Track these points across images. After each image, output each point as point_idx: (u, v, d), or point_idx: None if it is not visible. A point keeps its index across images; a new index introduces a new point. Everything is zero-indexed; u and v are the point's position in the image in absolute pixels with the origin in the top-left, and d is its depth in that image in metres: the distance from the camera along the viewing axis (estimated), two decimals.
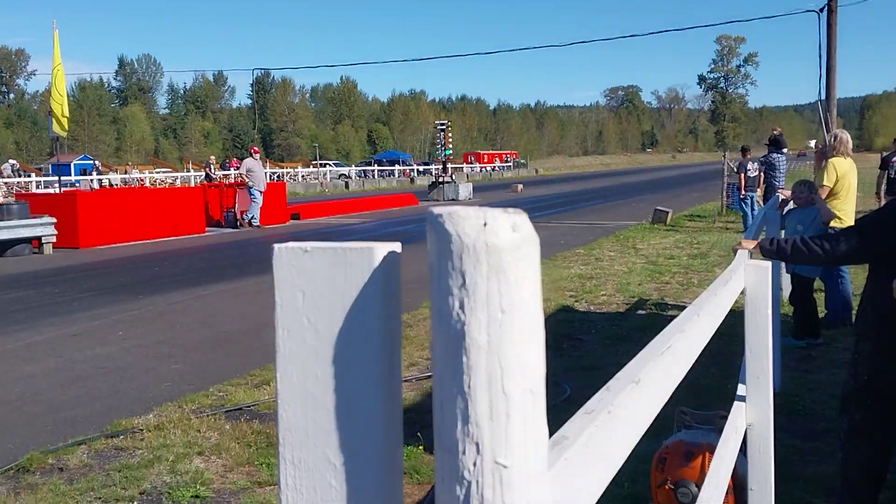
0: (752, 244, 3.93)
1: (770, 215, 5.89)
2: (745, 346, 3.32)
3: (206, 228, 20.05)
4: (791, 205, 7.24)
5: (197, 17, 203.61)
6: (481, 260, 0.66)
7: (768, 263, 3.27)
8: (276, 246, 0.78)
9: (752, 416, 3.44)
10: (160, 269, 13.41)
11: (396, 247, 0.77)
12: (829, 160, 7.51)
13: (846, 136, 7.70)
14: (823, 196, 7.36)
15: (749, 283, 3.19)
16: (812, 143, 40.94)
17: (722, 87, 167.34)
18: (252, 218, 20.56)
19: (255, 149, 22.32)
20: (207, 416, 5.57)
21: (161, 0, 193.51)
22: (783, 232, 6.89)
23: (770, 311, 3.25)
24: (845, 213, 7.45)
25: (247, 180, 20.49)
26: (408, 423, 4.59)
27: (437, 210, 0.69)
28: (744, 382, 3.91)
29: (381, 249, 0.74)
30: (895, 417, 3.43)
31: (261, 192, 20.59)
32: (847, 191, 7.43)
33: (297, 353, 0.77)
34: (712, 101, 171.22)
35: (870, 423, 3.50)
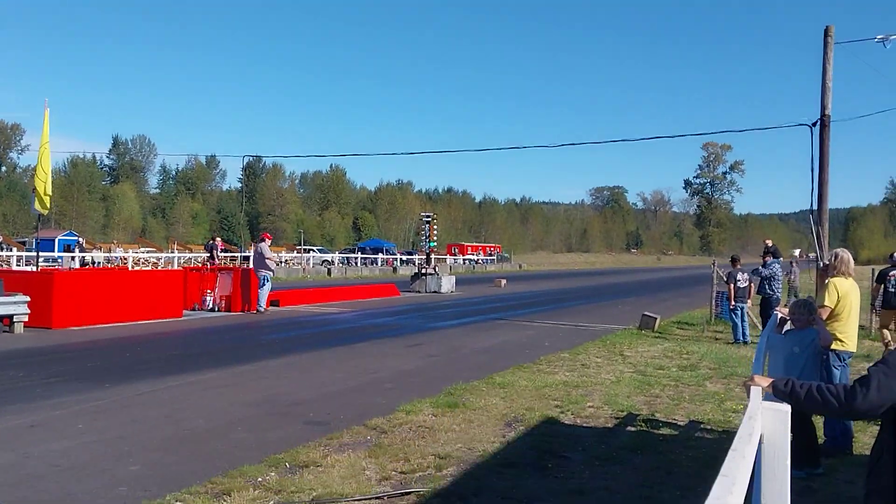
0: (765, 381, 3.57)
1: (773, 339, 5.62)
2: (760, 498, 2.97)
3: (184, 312, 19.58)
4: (789, 324, 6.97)
5: (194, 100, 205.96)
6: None
7: (787, 408, 2.95)
8: None
9: None
10: (131, 356, 12.90)
11: None
12: (830, 280, 7.27)
13: (847, 256, 7.46)
14: (824, 316, 7.10)
15: (767, 429, 2.85)
16: (796, 252, 41.45)
17: (707, 193, 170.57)
18: (259, 304, 20.97)
19: (268, 235, 22.62)
20: None
21: (159, 83, 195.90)
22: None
23: (788, 462, 2.91)
24: (847, 335, 7.18)
25: (266, 265, 20.98)
26: None
27: None
28: None
29: None
30: None
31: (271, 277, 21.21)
32: (849, 312, 7.18)
33: None
34: (698, 206, 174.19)
35: None
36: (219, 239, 42.90)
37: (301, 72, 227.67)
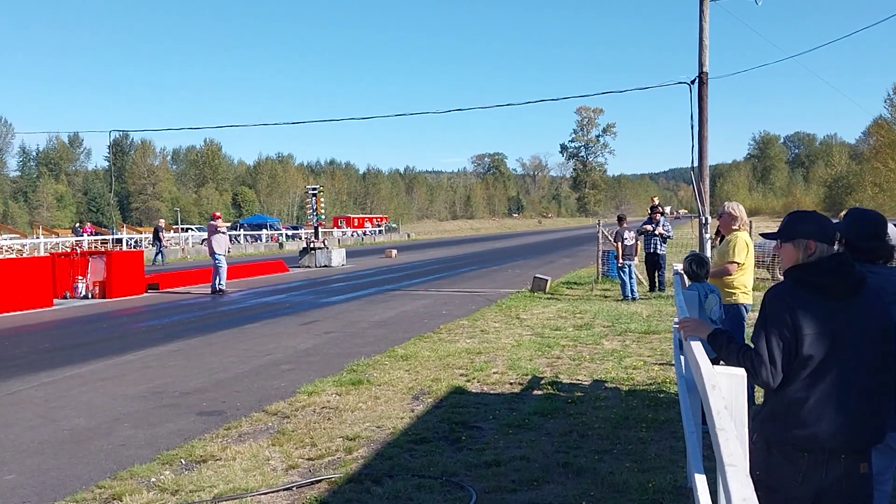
0: (705, 331, 3.36)
1: (689, 295, 5.54)
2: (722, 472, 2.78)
3: (54, 301, 18.30)
4: (687, 280, 6.97)
5: (52, 76, 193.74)
6: None
7: (742, 372, 2.76)
8: None
9: None
10: None
11: None
12: (738, 235, 7.19)
13: (742, 210, 7.47)
14: (733, 273, 7.09)
15: (725, 394, 2.65)
16: (668, 209, 43.09)
17: (583, 156, 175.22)
18: (220, 284, 20.45)
19: (218, 214, 21.88)
20: None
21: (13, 58, 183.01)
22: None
23: (747, 430, 2.72)
24: (749, 287, 7.24)
25: (216, 245, 20.41)
26: None
27: None
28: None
29: None
30: None
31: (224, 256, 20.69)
32: (751, 264, 7.23)
33: None
34: (574, 169, 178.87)
35: None
36: (162, 221, 41.05)
37: (168, 41, 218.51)
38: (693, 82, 15.42)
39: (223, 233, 21.09)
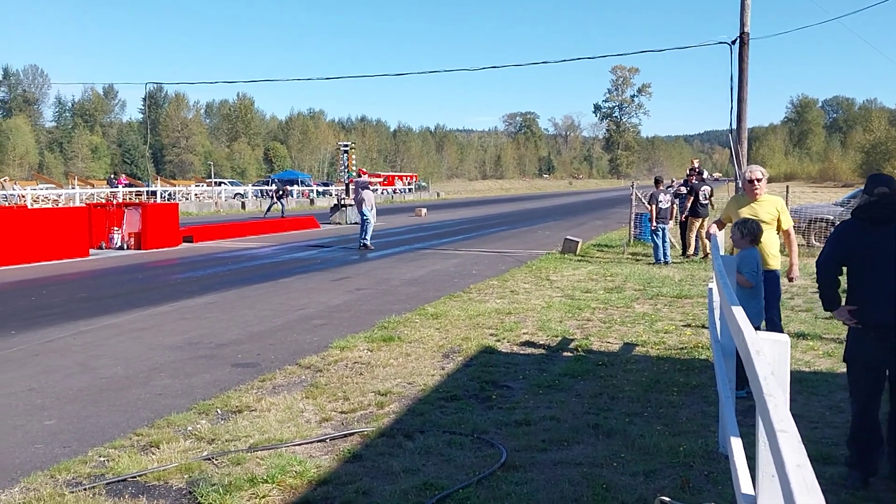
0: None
1: (728, 261, 5.48)
2: (758, 438, 2.77)
3: (90, 251, 18.61)
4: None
5: (88, 28, 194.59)
6: None
7: (786, 338, 2.73)
8: None
9: None
10: (37, 300, 12.10)
11: None
12: (781, 201, 7.00)
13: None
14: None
15: (770, 360, 2.62)
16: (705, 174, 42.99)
17: (616, 117, 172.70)
18: (365, 238, 20.42)
19: (364, 170, 22.33)
20: (85, 489, 4.67)
21: (49, 8, 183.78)
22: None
23: (788, 395, 2.71)
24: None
25: (364, 201, 20.44)
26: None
27: None
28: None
29: None
30: None
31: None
32: None
33: None
34: (607, 130, 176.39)
35: None
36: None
37: None
38: (734, 42, 15.04)
39: (374, 190, 21.44)
